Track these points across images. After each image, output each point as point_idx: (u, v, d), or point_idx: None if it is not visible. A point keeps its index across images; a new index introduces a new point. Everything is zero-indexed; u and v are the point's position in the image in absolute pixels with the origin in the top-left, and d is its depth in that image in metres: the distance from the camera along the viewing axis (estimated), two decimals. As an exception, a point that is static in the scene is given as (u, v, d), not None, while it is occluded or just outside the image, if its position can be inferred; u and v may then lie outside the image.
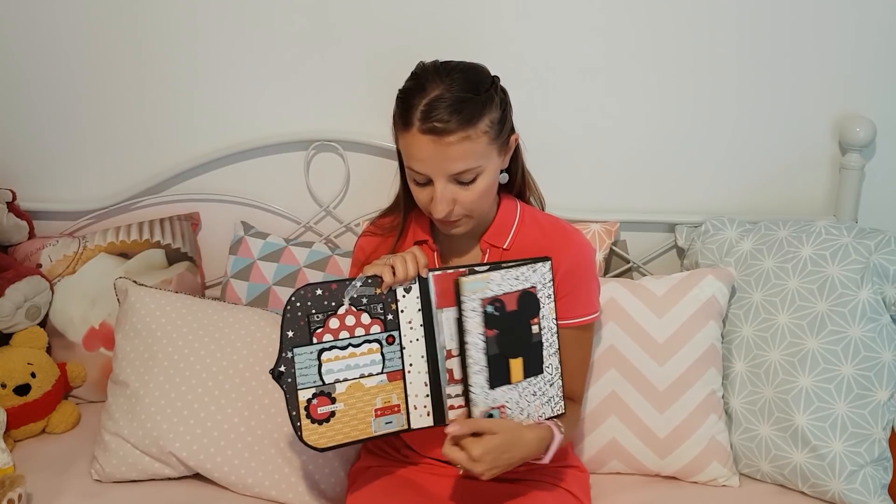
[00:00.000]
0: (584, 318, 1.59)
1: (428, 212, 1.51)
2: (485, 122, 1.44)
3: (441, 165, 1.43)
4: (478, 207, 1.50)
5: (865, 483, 1.69)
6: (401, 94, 1.48)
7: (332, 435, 1.42)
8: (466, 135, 1.41)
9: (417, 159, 1.44)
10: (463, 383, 1.43)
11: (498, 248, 1.58)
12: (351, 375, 1.43)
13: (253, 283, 2.00)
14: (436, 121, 1.40)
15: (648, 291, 1.82)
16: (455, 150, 1.42)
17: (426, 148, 1.42)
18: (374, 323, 1.44)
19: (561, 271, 1.56)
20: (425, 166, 1.44)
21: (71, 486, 1.73)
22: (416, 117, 1.41)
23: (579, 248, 1.59)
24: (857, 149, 1.98)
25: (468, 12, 1.98)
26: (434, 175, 1.44)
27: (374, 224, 1.69)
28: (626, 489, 1.76)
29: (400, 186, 1.62)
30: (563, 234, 1.60)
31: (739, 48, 1.97)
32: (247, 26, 2.02)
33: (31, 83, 2.10)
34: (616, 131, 2.04)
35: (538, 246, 1.58)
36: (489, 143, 1.46)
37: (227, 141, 2.09)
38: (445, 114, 1.40)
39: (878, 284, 1.75)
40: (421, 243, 1.61)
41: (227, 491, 1.73)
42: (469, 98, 1.42)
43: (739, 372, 1.81)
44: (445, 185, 1.45)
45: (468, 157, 1.43)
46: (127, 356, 1.81)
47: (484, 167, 1.46)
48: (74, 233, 2.13)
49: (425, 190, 1.48)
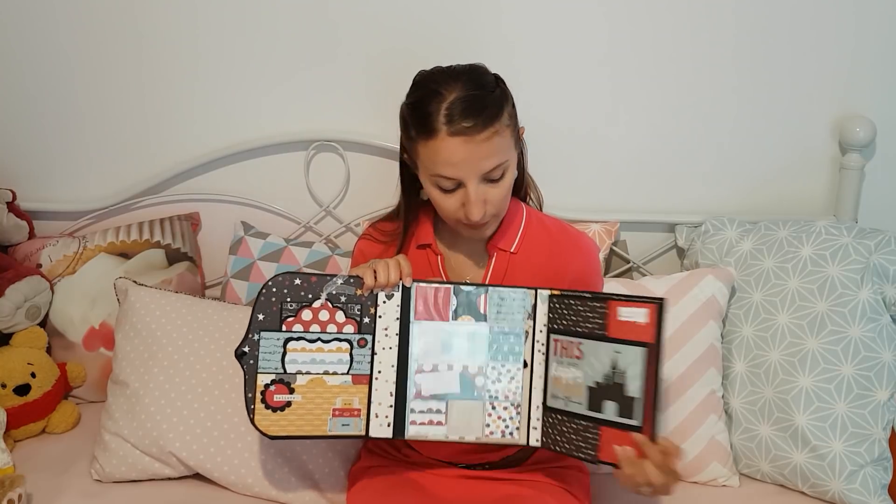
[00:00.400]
0: None
1: (455, 220, 1.48)
2: (505, 114, 1.44)
3: (475, 166, 1.40)
4: (505, 205, 1.49)
5: (865, 483, 1.69)
6: (411, 104, 1.44)
7: (285, 425, 1.42)
8: (495, 130, 1.40)
9: (449, 164, 1.40)
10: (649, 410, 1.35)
11: (505, 252, 1.58)
12: (314, 370, 1.43)
13: (253, 283, 2.00)
14: (464, 121, 1.38)
15: (648, 291, 1.82)
16: (486, 148, 1.40)
17: (458, 151, 1.39)
18: (348, 322, 1.44)
19: (570, 276, 1.57)
20: (458, 170, 1.40)
21: (71, 486, 1.73)
22: (441, 122, 1.38)
23: (588, 254, 1.60)
24: (857, 149, 1.98)
25: (468, 13, 1.98)
26: (467, 177, 1.41)
27: (375, 228, 1.66)
28: (626, 489, 1.75)
29: (401, 196, 1.61)
30: (571, 238, 1.60)
31: (739, 48, 1.97)
32: (247, 27, 2.02)
33: (32, 83, 2.09)
34: (616, 131, 2.04)
35: (545, 250, 1.58)
36: (511, 136, 1.46)
37: (227, 141, 2.09)
38: (472, 112, 1.38)
39: (878, 284, 1.75)
40: (424, 248, 1.61)
41: (227, 491, 1.73)
42: (486, 94, 1.42)
43: (739, 372, 1.81)
44: (478, 185, 1.42)
45: (499, 152, 1.42)
46: (127, 356, 1.80)
47: (510, 161, 1.46)
48: (74, 233, 2.13)
49: (452, 197, 1.45)
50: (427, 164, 1.44)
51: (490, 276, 1.58)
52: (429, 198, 1.51)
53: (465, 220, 1.46)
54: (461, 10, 1.97)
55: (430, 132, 1.40)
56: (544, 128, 1.99)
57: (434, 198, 1.48)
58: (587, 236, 1.63)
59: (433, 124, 1.39)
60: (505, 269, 1.58)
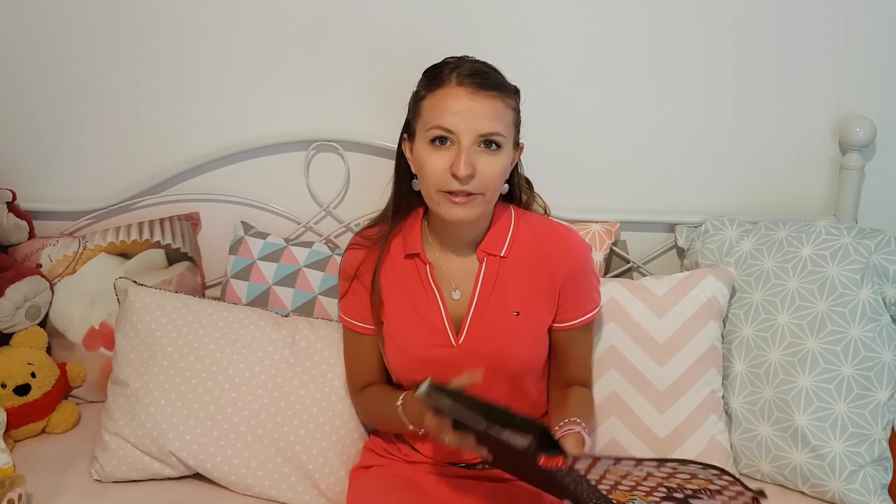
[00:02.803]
0: (588, 314, 1.64)
1: (436, 191, 1.48)
2: (512, 100, 1.51)
3: (473, 120, 1.45)
4: (493, 187, 1.50)
5: (865, 483, 1.69)
6: (427, 69, 1.53)
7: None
8: (499, 96, 1.47)
9: (450, 111, 1.45)
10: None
11: (495, 257, 1.58)
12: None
13: (253, 282, 2.00)
14: (475, 77, 1.46)
15: (648, 291, 1.82)
16: (488, 106, 1.46)
17: (461, 100, 1.45)
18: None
19: (562, 277, 1.57)
20: (457, 119, 1.45)
21: (71, 486, 1.73)
22: (452, 76, 1.47)
23: (576, 251, 1.60)
24: (857, 149, 1.98)
25: (469, 13, 1.97)
26: (464, 131, 1.45)
27: (360, 235, 1.67)
28: (626, 489, 1.76)
29: (392, 194, 1.62)
30: (558, 237, 1.60)
31: (739, 48, 1.97)
32: (247, 26, 2.02)
33: (31, 83, 2.09)
34: (616, 131, 2.04)
35: (535, 252, 1.58)
36: (512, 125, 1.51)
37: (227, 141, 2.09)
38: (481, 75, 1.47)
39: (878, 284, 1.75)
40: (412, 257, 1.61)
41: (227, 491, 1.73)
42: (499, 75, 1.51)
43: (739, 372, 1.81)
44: (471, 146, 1.46)
45: (499, 118, 1.47)
46: (127, 356, 1.80)
47: (507, 143, 1.49)
48: (74, 233, 2.13)
49: (443, 156, 1.47)
50: (428, 118, 1.48)
51: (481, 282, 1.58)
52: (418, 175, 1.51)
53: (450, 187, 1.46)
54: (462, 10, 1.97)
55: (440, 83, 1.47)
56: (544, 128, 1.99)
57: (424, 160, 1.49)
58: (576, 234, 1.64)
59: (443, 78, 1.48)
60: (496, 273, 1.58)
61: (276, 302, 1.97)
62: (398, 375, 1.64)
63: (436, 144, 1.47)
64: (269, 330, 1.80)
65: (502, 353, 1.57)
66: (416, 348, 1.58)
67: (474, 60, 1.52)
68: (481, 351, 1.57)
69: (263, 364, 1.76)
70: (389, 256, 1.62)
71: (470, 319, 1.58)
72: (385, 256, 1.61)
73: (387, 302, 1.61)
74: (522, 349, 1.59)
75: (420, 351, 1.58)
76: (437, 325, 1.58)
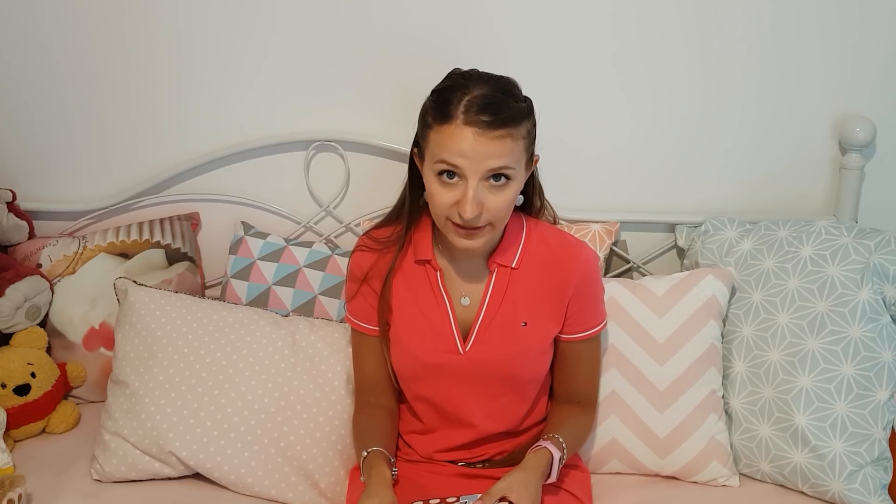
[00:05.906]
0: (595, 328, 1.64)
1: (446, 219, 1.47)
2: (524, 127, 1.45)
3: (480, 161, 1.41)
4: (502, 218, 1.48)
5: (865, 483, 1.68)
6: (437, 90, 1.47)
7: None
8: (509, 133, 1.42)
9: (455, 152, 1.41)
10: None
11: (506, 268, 1.58)
12: None
13: (253, 282, 2.00)
14: (482, 115, 1.40)
15: (649, 291, 1.82)
16: (496, 147, 1.41)
17: (468, 141, 1.40)
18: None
19: (571, 290, 1.57)
20: (463, 160, 1.41)
21: (71, 486, 1.73)
22: (460, 110, 1.40)
23: (587, 264, 1.60)
24: (857, 149, 1.98)
25: (469, 14, 1.97)
26: (470, 171, 1.41)
27: (369, 237, 1.65)
28: (626, 489, 1.76)
29: (405, 194, 1.60)
30: (570, 250, 1.60)
31: (739, 48, 1.97)
32: (247, 26, 2.02)
33: (31, 83, 2.09)
34: (616, 132, 2.04)
35: (545, 263, 1.58)
36: (524, 151, 1.47)
37: (227, 141, 2.09)
38: (491, 110, 1.40)
39: (878, 284, 1.75)
40: (423, 263, 1.60)
41: (227, 491, 1.73)
42: (510, 101, 1.44)
43: (739, 372, 1.81)
44: (478, 184, 1.42)
45: (508, 155, 1.42)
46: (127, 356, 1.80)
47: (517, 172, 1.46)
48: (74, 233, 2.13)
49: (450, 192, 1.44)
50: (435, 150, 1.44)
51: (491, 292, 1.57)
52: (427, 200, 1.51)
53: (456, 220, 1.45)
54: (462, 11, 1.97)
55: (447, 118, 1.41)
56: (544, 128, 1.98)
57: (432, 190, 1.47)
58: (587, 246, 1.63)
59: (451, 111, 1.41)
60: (506, 284, 1.58)
61: (276, 302, 1.98)
62: (402, 379, 1.64)
63: (443, 178, 1.44)
64: (269, 330, 1.80)
65: (508, 363, 1.57)
66: (423, 354, 1.58)
67: (484, 83, 1.44)
68: (487, 359, 1.57)
69: (263, 364, 1.76)
70: (401, 258, 1.61)
71: (478, 328, 1.58)
72: (400, 260, 1.61)
73: (395, 306, 1.61)
74: (528, 359, 1.59)
75: (426, 357, 1.58)
76: (444, 331, 1.58)
